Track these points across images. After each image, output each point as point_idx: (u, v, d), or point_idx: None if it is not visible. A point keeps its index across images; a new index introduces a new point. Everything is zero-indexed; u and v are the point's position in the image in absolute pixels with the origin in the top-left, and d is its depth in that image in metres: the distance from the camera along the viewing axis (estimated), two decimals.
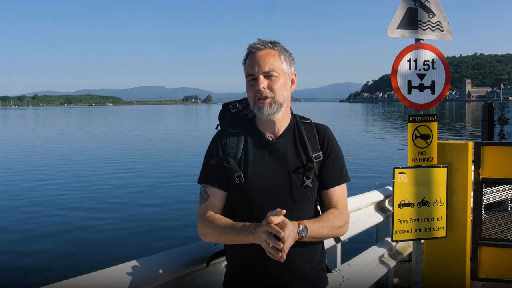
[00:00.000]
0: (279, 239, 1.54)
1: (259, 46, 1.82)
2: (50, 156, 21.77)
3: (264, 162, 1.84)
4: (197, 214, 1.88)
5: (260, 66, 1.79)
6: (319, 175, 1.87)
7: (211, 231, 1.79)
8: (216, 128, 2.02)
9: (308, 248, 1.84)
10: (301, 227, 1.66)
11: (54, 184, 14.11)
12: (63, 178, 15.22)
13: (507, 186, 5.40)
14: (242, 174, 1.82)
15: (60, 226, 9.28)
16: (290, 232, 1.57)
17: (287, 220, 1.59)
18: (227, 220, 1.78)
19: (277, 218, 1.58)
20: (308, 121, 1.95)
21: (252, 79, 1.82)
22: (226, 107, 2.05)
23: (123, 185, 13.71)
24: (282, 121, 1.88)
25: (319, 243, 1.93)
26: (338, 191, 1.90)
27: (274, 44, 1.85)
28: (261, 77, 1.79)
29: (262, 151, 1.85)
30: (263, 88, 1.79)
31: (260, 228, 1.59)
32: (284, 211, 1.59)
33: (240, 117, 1.99)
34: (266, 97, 1.79)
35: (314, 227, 1.72)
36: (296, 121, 1.93)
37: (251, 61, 1.81)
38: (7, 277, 6.63)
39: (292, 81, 1.90)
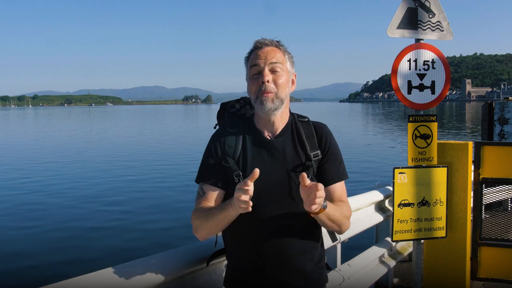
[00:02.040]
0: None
1: (266, 42, 1.84)
2: (53, 154, 21.81)
3: (263, 161, 1.84)
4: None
5: (267, 59, 1.81)
6: (317, 173, 1.88)
7: (199, 220, 1.80)
8: (215, 127, 2.03)
9: (308, 246, 1.85)
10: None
11: (53, 183, 14.13)
12: (63, 177, 15.24)
13: (507, 186, 5.39)
14: (241, 173, 1.82)
15: (60, 226, 9.29)
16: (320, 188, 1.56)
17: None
18: (211, 205, 1.80)
19: (306, 179, 1.57)
20: (306, 119, 1.96)
21: (256, 72, 1.82)
22: (224, 107, 2.06)
23: (124, 185, 13.73)
24: (280, 120, 1.88)
25: (318, 241, 1.93)
26: (339, 188, 1.90)
27: (279, 43, 1.88)
28: (267, 69, 1.80)
29: (261, 150, 1.86)
30: (268, 81, 1.80)
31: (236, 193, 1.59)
32: (257, 170, 1.58)
33: (238, 116, 2.00)
34: (270, 91, 1.80)
35: (330, 207, 1.73)
36: (294, 119, 1.93)
37: (256, 54, 1.83)
38: (7, 277, 6.63)
39: (292, 81, 1.91)
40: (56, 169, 17.35)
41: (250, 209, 1.56)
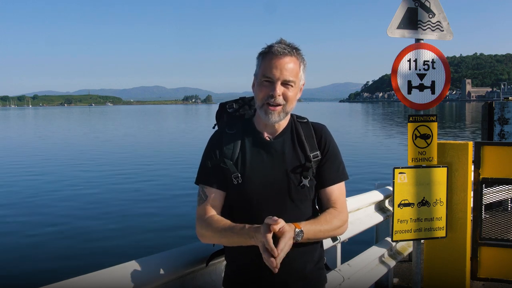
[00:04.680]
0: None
1: (286, 51, 1.77)
2: (52, 154, 21.80)
3: (262, 162, 1.84)
4: (195, 215, 1.88)
5: (282, 74, 1.76)
6: (317, 174, 1.88)
7: (210, 233, 1.79)
8: (214, 127, 2.02)
9: (307, 248, 1.84)
10: (296, 231, 1.65)
11: (54, 183, 14.13)
12: (63, 177, 15.23)
13: (507, 186, 5.39)
14: (239, 175, 1.82)
15: (60, 226, 9.29)
16: (285, 245, 1.57)
17: (286, 228, 1.59)
18: (226, 222, 1.77)
19: (277, 225, 1.57)
20: (305, 120, 1.95)
21: (268, 80, 1.79)
22: (222, 107, 2.05)
23: (124, 185, 13.72)
24: (281, 122, 1.88)
25: (318, 242, 1.93)
26: (336, 190, 1.89)
27: (297, 51, 1.82)
28: (279, 84, 1.77)
29: (260, 151, 1.85)
30: (279, 95, 1.78)
31: (258, 235, 1.59)
32: (280, 220, 1.58)
33: (237, 117, 1.99)
34: (279, 104, 1.79)
35: (310, 230, 1.71)
36: (294, 120, 1.93)
37: (272, 63, 1.77)
38: (7, 277, 6.63)
39: (300, 89, 1.89)
40: (56, 169, 17.35)
41: (276, 271, 1.56)
